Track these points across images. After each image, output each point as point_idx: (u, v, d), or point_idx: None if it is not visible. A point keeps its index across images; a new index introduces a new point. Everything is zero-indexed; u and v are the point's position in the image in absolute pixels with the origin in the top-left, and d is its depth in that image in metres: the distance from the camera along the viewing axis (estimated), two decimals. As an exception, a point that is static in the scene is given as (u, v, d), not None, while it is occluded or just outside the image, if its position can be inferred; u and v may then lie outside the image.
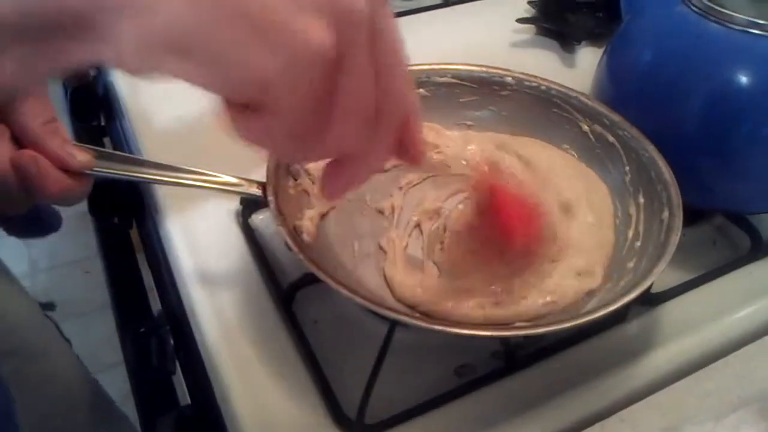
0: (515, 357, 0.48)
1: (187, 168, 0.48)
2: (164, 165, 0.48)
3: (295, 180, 0.53)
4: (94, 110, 0.82)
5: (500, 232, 0.49)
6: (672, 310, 0.52)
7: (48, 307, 1.23)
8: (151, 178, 0.47)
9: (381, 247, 0.54)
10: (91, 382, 0.81)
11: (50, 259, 1.84)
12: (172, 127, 0.68)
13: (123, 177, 0.46)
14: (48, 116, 0.41)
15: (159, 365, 0.56)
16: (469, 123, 0.62)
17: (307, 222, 0.52)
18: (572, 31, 0.84)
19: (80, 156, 0.42)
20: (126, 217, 0.70)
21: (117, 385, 0.84)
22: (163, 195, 0.60)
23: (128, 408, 0.67)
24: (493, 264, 0.50)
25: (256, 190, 0.49)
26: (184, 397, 0.58)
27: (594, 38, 0.84)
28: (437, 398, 0.46)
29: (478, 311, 0.47)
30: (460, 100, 0.62)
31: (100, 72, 0.84)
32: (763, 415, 0.44)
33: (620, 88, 0.59)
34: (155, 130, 0.68)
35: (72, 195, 0.43)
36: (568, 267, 0.50)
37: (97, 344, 1.33)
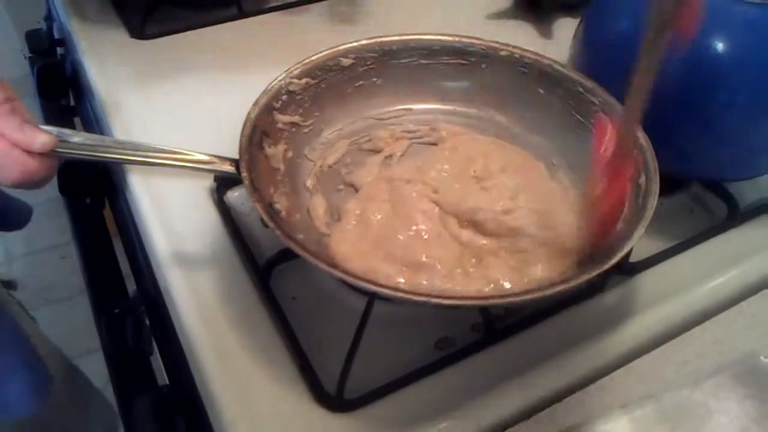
0: (495, 329, 0.48)
1: (157, 146, 0.47)
2: (132, 144, 0.47)
3: (267, 157, 0.52)
4: (63, 89, 0.80)
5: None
6: (650, 279, 0.53)
7: (9, 285, 1.21)
8: (119, 158, 0.46)
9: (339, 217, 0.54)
10: (62, 358, 0.81)
11: (25, 246, 1.81)
12: (143, 106, 0.67)
13: (89, 158, 0.45)
14: (2, 96, 0.40)
15: (135, 346, 0.55)
16: (443, 93, 0.62)
17: (283, 198, 0.51)
18: (548, 2, 0.83)
19: (41, 137, 0.41)
20: (98, 198, 0.68)
21: (97, 370, 0.83)
22: (134, 174, 0.59)
23: (109, 392, 0.66)
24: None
25: (228, 168, 0.48)
26: (162, 377, 0.57)
27: (570, 9, 0.83)
28: (417, 371, 0.46)
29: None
30: (434, 71, 0.61)
31: (68, 51, 0.82)
32: (739, 380, 0.44)
33: (596, 57, 0.59)
34: (125, 110, 0.67)
35: (36, 177, 0.42)
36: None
37: (75, 330, 1.31)
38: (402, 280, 0.48)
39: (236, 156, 0.48)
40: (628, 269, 0.53)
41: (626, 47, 0.55)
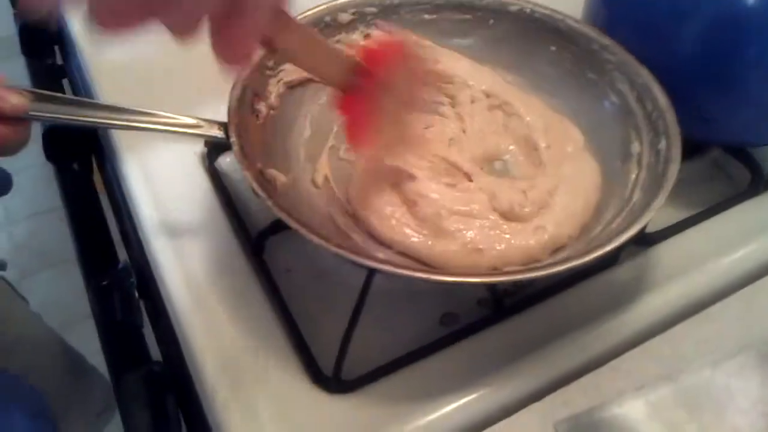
0: (502, 304, 0.45)
1: (140, 110, 0.44)
2: (114, 107, 0.43)
3: (258, 117, 0.48)
4: (49, 47, 0.76)
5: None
6: (667, 251, 0.49)
7: (-1, 266, 1.20)
8: (100, 122, 0.43)
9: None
10: (56, 337, 0.79)
11: (26, 208, 1.78)
12: (130, 65, 0.63)
13: (68, 122, 0.42)
14: None
15: (124, 319, 0.53)
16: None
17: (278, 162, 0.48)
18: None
19: (13, 98, 0.38)
20: (86, 163, 0.65)
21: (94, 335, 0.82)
22: (120, 138, 0.56)
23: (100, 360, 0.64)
24: None
25: (217, 132, 0.45)
26: (157, 351, 0.55)
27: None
28: (420, 350, 0.44)
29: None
30: (439, 27, 0.57)
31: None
32: (764, 360, 0.42)
33: (614, 12, 0.55)
34: (111, 69, 0.63)
35: (7, 143, 0.39)
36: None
37: (74, 294, 1.30)
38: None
39: (226, 119, 0.45)
40: (644, 240, 0.49)
41: (646, 1, 0.52)
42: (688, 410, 0.40)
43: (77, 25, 0.68)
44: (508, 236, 0.45)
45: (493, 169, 0.52)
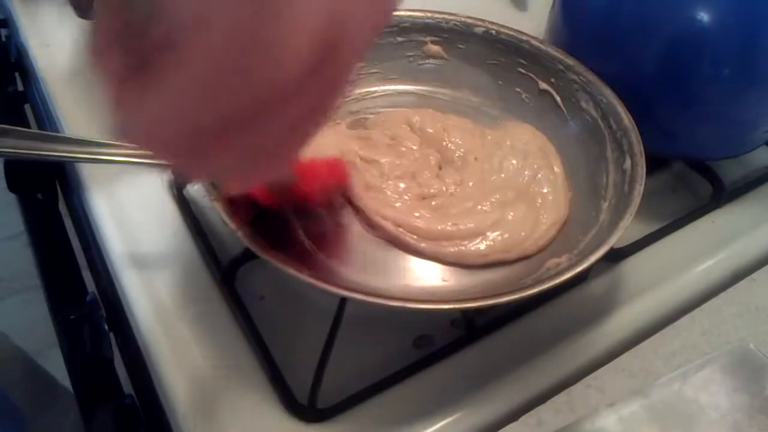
0: (475, 325, 0.46)
1: (104, 141, 0.43)
2: (77, 140, 0.43)
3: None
4: (9, 74, 0.74)
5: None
6: (635, 266, 0.50)
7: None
8: (63, 157, 0.42)
9: None
10: (26, 359, 0.77)
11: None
12: (91, 89, 0.62)
13: (29, 157, 0.41)
14: None
15: (94, 352, 0.52)
16: (415, 74, 0.58)
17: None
18: (522, -29, 0.79)
19: None
20: (50, 193, 0.64)
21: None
22: (85, 166, 0.55)
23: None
24: None
25: (184, 161, 0.45)
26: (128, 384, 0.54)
27: (545, -23, 0.80)
28: (395, 375, 0.43)
29: None
30: (405, 50, 0.57)
31: (12, 32, 0.77)
32: (728, 372, 0.42)
33: (575, 32, 0.56)
34: (72, 96, 0.62)
35: None
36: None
37: (44, 320, 1.27)
38: None
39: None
40: (612, 256, 0.50)
41: (607, 20, 0.53)
42: (660, 425, 0.40)
43: (35, 50, 0.67)
44: None
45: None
